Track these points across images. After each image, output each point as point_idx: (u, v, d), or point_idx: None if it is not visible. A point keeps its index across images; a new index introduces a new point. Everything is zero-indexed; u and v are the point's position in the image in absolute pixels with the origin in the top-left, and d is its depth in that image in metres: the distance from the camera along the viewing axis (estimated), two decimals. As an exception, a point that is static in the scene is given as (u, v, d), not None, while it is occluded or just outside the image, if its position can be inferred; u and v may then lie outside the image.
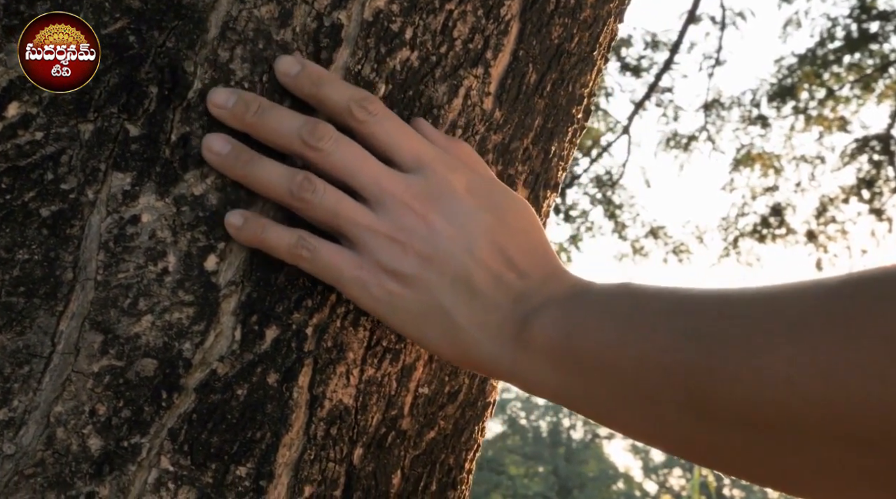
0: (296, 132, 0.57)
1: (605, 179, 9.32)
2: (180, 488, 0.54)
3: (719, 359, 0.46)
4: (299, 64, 0.58)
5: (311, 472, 0.58)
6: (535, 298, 0.57)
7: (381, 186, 0.58)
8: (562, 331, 0.54)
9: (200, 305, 0.56)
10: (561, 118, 0.69)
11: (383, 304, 0.57)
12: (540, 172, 0.69)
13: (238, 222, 0.57)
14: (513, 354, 0.55)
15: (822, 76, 8.81)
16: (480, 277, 0.57)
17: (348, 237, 0.58)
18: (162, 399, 0.55)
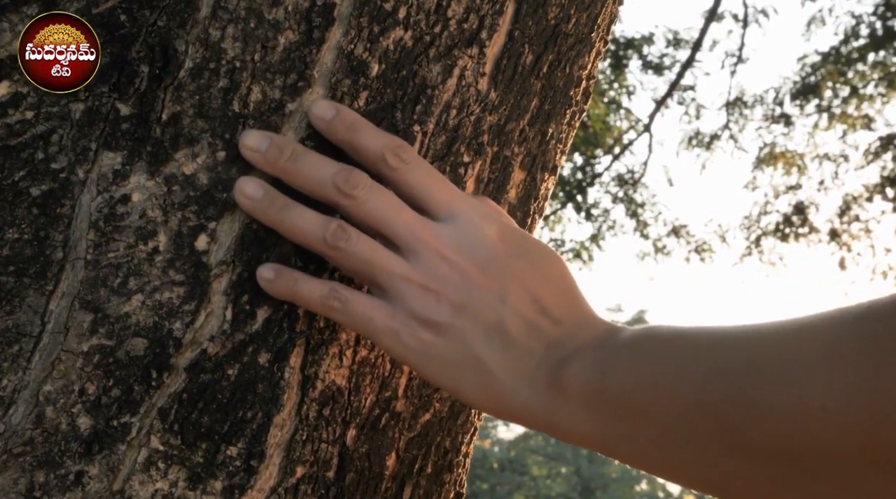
0: (330, 179, 0.57)
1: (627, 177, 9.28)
2: (170, 468, 0.54)
3: (752, 392, 0.46)
4: (334, 109, 0.58)
5: (304, 452, 0.58)
6: (569, 345, 0.56)
7: (414, 234, 0.58)
8: (596, 375, 0.54)
9: (191, 284, 0.55)
10: (558, 100, 0.69)
11: (416, 353, 0.57)
12: (537, 154, 0.68)
13: (270, 276, 0.57)
14: (548, 401, 0.55)
15: (846, 74, 8.75)
16: (514, 324, 0.57)
17: (381, 286, 0.58)
18: (152, 379, 0.54)
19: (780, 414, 0.44)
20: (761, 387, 0.45)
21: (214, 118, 0.56)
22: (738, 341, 0.49)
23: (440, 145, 0.62)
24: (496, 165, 0.65)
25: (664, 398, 0.50)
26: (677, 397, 0.49)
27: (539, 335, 0.57)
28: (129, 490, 0.53)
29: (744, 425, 0.46)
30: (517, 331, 0.57)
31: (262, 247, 0.57)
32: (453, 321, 0.56)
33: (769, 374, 0.45)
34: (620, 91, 9.10)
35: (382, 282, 0.57)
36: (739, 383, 0.47)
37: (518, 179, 0.67)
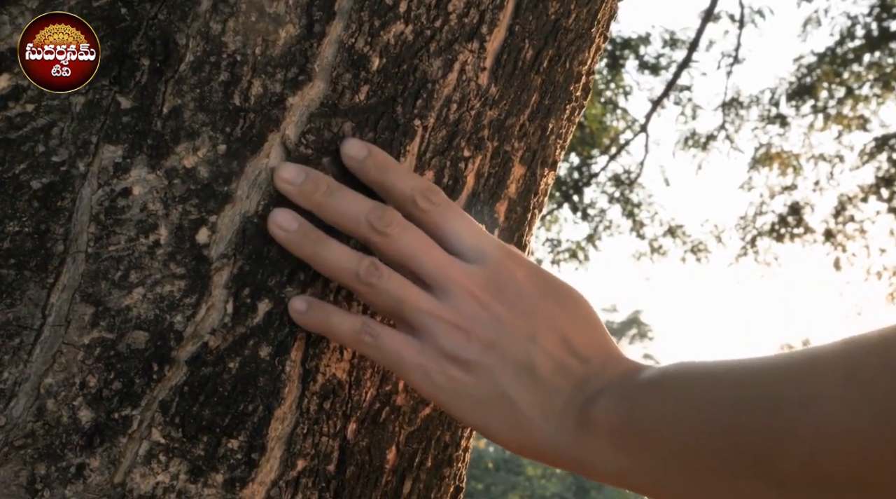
0: (364, 216, 0.58)
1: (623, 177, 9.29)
2: (171, 461, 0.54)
3: (779, 421, 0.46)
4: (366, 149, 0.59)
5: (304, 446, 0.58)
6: (596, 383, 0.57)
7: (445, 273, 0.58)
8: (623, 412, 0.54)
9: (192, 277, 0.55)
10: (558, 95, 0.69)
11: (445, 391, 0.57)
12: (537, 149, 0.68)
13: (302, 308, 0.58)
14: (576, 439, 0.56)
15: (842, 75, 8.76)
16: (543, 363, 0.57)
17: (411, 323, 0.58)
18: (153, 372, 0.54)
19: (807, 441, 0.45)
20: (788, 415, 0.46)
21: (215, 112, 0.56)
22: (762, 372, 0.50)
23: (441, 140, 0.62)
24: (496, 160, 0.65)
25: (691, 431, 0.51)
26: (704, 430, 0.50)
27: (567, 374, 0.58)
28: (131, 483, 0.53)
29: (773, 453, 0.46)
30: (546, 369, 0.57)
31: (264, 240, 0.57)
32: (483, 359, 0.57)
33: (794, 402, 0.46)
34: (617, 91, 9.10)
35: (413, 319, 0.58)
36: (765, 412, 0.47)
37: (518, 174, 0.67)
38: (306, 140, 0.58)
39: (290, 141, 0.58)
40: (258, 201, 0.57)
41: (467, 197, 0.64)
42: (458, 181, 0.63)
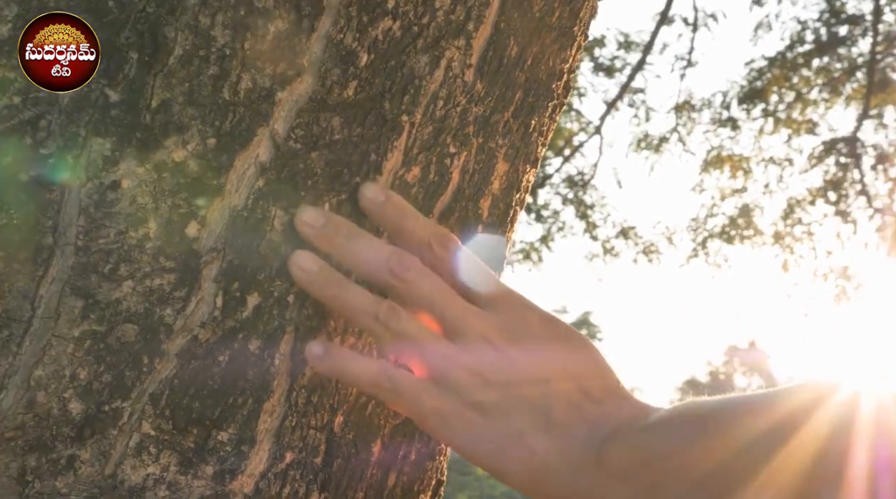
0: (384, 261, 0.59)
1: (577, 179, 9.32)
2: (162, 453, 0.54)
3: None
4: (384, 194, 0.61)
5: (293, 438, 0.58)
6: (611, 424, 0.58)
7: (463, 319, 0.60)
8: (636, 451, 0.56)
9: (181, 271, 0.56)
10: (541, 93, 0.70)
11: (462, 435, 0.58)
12: (520, 146, 0.69)
13: (319, 352, 0.58)
14: (591, 479, 0.57)
15: (792, 79, 8.86)
16: (558, 407, 0.59)
17: (428, 368, 0.59)
18: (143, 364, 0.54)
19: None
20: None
21: (205, 106, 0.57)
22: (759, 408, 0.54)
23: (427, 136, 0.63)
24: (481, 156, 0.66)
25: (696, 471, 0.54)
26: (710, 461, 0.53)
27: (583, 416, 0.59)
28: (122, 474, 0.53)
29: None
30: (561, 413, 0.59)
31: (253, 234, 0.57)
32: (500, 403, 0.58)
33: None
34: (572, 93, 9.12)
35: (430, 364, 0.59)
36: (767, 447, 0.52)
37: (502, 171, 0.68)
38: (295, 135, 0.58)
39: (279, 135, 0.58)
40: (247, 196, 0.57)
41: (452, 193, 0.65)
42: (443, 177, 0.64)
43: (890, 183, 8.77)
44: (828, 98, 8.96)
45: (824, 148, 8.88)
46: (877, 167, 8.78)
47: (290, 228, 0.58)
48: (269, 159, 0.58)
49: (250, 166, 0.57)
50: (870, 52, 8.29)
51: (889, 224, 8.65)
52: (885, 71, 8.41)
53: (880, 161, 8.74)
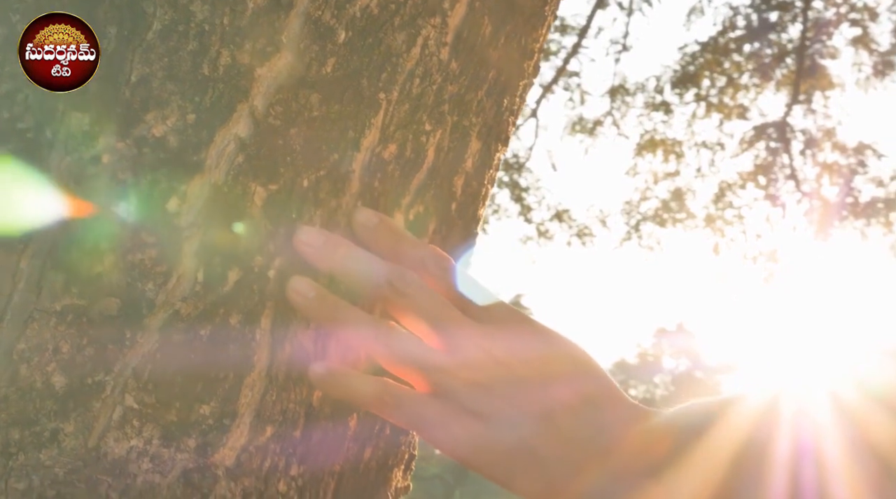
0: (384, 277, 0.60)
1: (513, 162, 9.36)
2: (145, 426, 0.54)
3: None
4: (377, 217, 0.62)
5: (273, 412, 0.59)
6: (613, 428, 0.60)
7: (462, 332, 0.61)
8: (644, 451, 0.58)
9: (163, 246, 0.56)
10: (514, 72, 0.70)
11: (467, 446, 0.59)
12: (493, 124, 0.70)
13: (322, 371, 0.60)
14: (598, 482, 0.58)
15: (723, 64, 8.97)
16: (560, 413, 0.60)
17: (431, 383, 0.60)
18: (125, 338, 0.54)
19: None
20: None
21: (184, 81, 0.57)
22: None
23: (403, 113, 0.63)
24: (456, 134, 0.67)
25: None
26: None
27: (585, 421, 0.60)
28: (105, 447, 0.53)
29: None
30: (564, 418, 0.60)
31: (234, 210, 0.58)
32: (502, 412, 0.59)
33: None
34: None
35: (432, 378, 0.60)
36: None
37: (475, 149, 0.69)
38: (274, 111, 0.59)
39: (258, 112, 0.58)
40: (227, 171, 0.57)
41: (427, 170, 0.65)
42: (419, 154, 0.65)
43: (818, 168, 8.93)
44: (758, 83, 9.07)
45: (755, 132, 9.00)
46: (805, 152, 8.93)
47: (269, 204, 0.58)
48: (249, 135, 0.58)
49: (230, 142, 0.57)
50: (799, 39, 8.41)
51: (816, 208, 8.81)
52: (813, 57, 8.54)
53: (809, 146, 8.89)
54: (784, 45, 8.83)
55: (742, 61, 9.06)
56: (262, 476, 0.58)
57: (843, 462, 0.55)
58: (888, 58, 8.26)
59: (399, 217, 0.64)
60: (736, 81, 9.11)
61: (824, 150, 8.92)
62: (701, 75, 9.15)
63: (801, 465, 0.55)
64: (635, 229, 9.55)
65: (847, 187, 8.91)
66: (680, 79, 9.24)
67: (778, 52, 8.88)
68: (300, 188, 0.59)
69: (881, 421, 0.55)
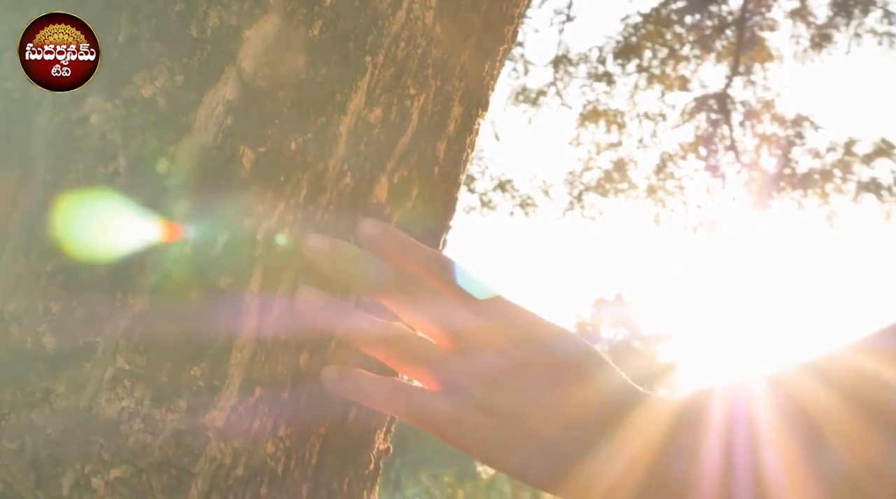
0: (392, 281, 0.62)
1: (456, 131, 9.33)
2: (136, 386, 0.54)
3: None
4: (381, 227, 0.64)
5: (262, 374, 0.59)
6: (622, 413, 0.60)
7: (471, 330, 0.61)
8: (657, 437, 0.58)
9: (153, 207, 0.56)
10: (495, 37, 0.71)
11: (480, 442, 0.60)
12: (474, 89, 0.70)
13: (334, 377, 0.61)
14: (612, 472, 0.58)
15: (665, 35, 9.02)
16: (570, 403, 0.60)
17: (441, 381, 0.61)
18: (116, 299, 0.54)
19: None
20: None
21: (172, 42, 0.56)
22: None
23: (389, 77, 0.64)
24: (439, 99, 0.67)
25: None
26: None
27: (596, 409, 0.60)
28: (97, 407, 0.53)
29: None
30: (574, 407, 0.60)
31: (223, 173, 0.57)
32: (513, 405, 0.59)
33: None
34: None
35: (442, 377, 0.61)
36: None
37: (457, 114, 0.69)
38: (262, 73, 0.59)
39: (246, 74, 0.58)
40: (216, 133, 0.57)
41: (412, 134, 0.66)
42: (404, 118, 0.65)
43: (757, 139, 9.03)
44: (699, 55, 9.14)
45: (696, 104, 9.07)
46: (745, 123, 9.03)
47: (257, 166, 0.58)
48: (237, 97, 0.58)
49: (218, 104, 0.57)
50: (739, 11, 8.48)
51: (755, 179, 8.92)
52: (753, 29, 8.62)
53: (748, 117, 8.98)
54: (724, 17, 8.89)
55: (683, 33, 9.12)
56: (251, 437, 0.58)
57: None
58: (825, 31, 8.36)
59: (384, 181, 0.64)
60: (677, 53, 9.17)
61: (763, 121, 9.02)
62: (643, 46, 9.19)
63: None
64: (578, 200, 9.59)
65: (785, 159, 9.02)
66: (622, 50, 9.28)
67: (718, 23, 8.94)
68: (288, 151, 0.59)
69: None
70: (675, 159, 9.43)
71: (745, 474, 0.55)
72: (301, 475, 0.61)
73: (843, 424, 0.55)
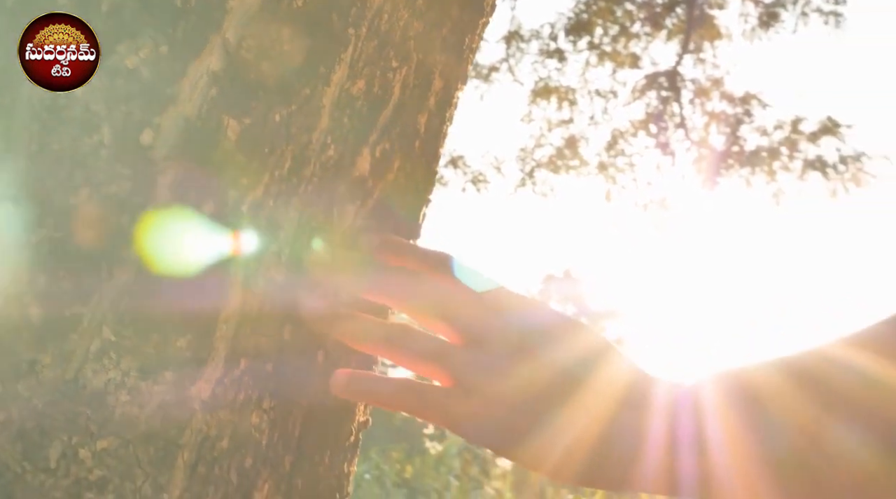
0: (398, 284, 0.64)
1: (408, 107, 9.30)
2: (122, 358, 0.54)
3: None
4: (378, 238, 0.66)
5: (247, 346, 0.59)
6: (636, 397, 0.59)
7: (479, 323, 0.61)
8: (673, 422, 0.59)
9: (137, 179, 0.55)
10: (475, 9, 0.71)
11: (497, 435, 0.59)
12: (455, 63, 0.70)
13: (344, 381, 0.62)
14: (637, 461, 0.58)
15: (616, 13, 9.04)
16: (586, 393, 0.59)
17: (452, 377, 0.60)
18: (102, 270, 0.54)
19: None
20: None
21: (156, 12, 0.56)
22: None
23: (371, 49, 0.64)
24: (420, 72, 0.67)
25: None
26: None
27: (610, 395, 0.60)
28: (83, 379, 0.53)
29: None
30: (590, 394, 0.60)
31: (208, 143, 0.57)
32: (527, 398, 0.59)
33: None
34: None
35: (453, 372, 0.60)
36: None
37: (438, 87, 0.69)
38: (246, 44, 0.58)
39: (230, 45, 0.58)
40: (201, 104, 0.57)
41: (394, 107, 0.66)
42: (386, 91, 0.65)
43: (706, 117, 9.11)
44: (650, 32, 9.18)
45: (646, 81, 9.12)
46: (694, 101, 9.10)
47: (242, 138, 0.58)
48: (221, 68, 0.58)
49: (203, 75, 0.57)
50: (690, -11, 8.53)
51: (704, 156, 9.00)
52: (703, 7, 8.68)
53: (698, 95, 9.05)
54: (675, -6, 8.93)
55: (634, 10, 9.15)
56: (237, 409, 0.58)
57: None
58: (773, 9, 8.42)
59: (366, 154, 0.65)
60: (628, 30, 9.20)
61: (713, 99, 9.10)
62: (594, 23, 9.21)
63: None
64: (529, 176, 9.62)
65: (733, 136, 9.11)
66: (574, 26, 9.29)
67: (669, 1, 8.99)
68: (272, 123, 0.59)
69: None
70: (626, 136, 9.48)
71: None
72: (284, 447, 0.61)
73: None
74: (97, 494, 0.53)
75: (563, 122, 9.57)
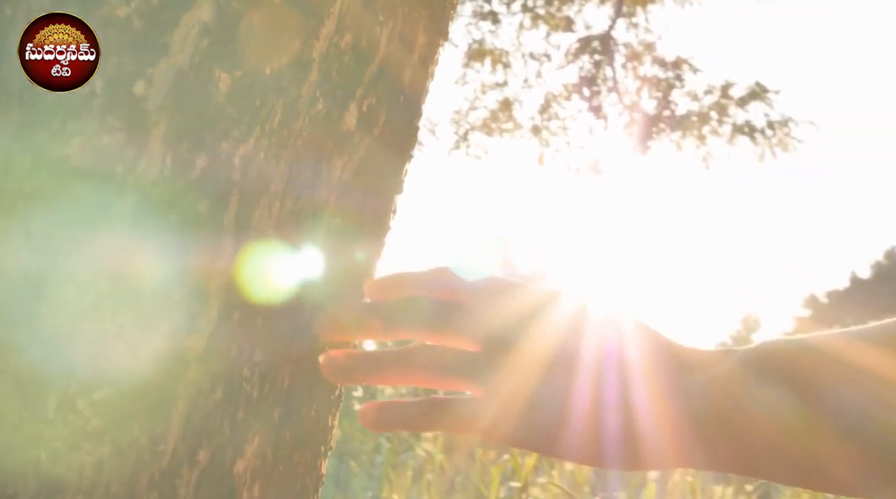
0: (403, 311, 0.63)
1: (343, 68, 9.25)
2: (118, 309, 0.54)
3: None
4: (374, 281, 0.68)
5: (239, 299, 0.59)
6: (679, 387, 0.59)
7: (491, 331, 0.61)
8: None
9: (130, 130, 0.55)
10: (458, -35, 0.71)
11: (534, 435, 0.58)
12: (438, 17, 0.71)
13: (375, 416, 0.62)
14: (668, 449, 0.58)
15: (550, -25, 9.06)
16: (610, 383, 0.59)
17: (475, 385, 0.60)
18: (97, 222, 0.54)
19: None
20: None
21: (147, -39, 0.55)
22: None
23: (358, 3, 0.63)
24: (405, 27, 0.67)
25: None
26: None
27: (648, 384, 0.59)
28: (79, 330, 0.53)
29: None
30: (602, 391, 0.59)
31: (201, 95, 0.57)
32: (552, 396, 0.59)
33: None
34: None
35: (475, 380, 0.60)
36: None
37: (421, 42, 0.69)
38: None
39: (221, -4, 0.57)
40: (192, 55, 0.57)
41: (379, 62, 0.66)
42: (372, 46, 0.65)
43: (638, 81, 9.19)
44: (583, -4, 9.21)
45: (580, 45, 9.16)
46: (627, 65, 9.16)
47: (234, 90, 0.58)
48: (213, 19, 0.57)
49: (194, 26, 0.57)
50: (624, -47, 8.57)
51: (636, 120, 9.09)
52: (636, -28, 8.73)
53: (630, 59, 9.12)
54: (608, -42, 8.97)
55: (568, -27, 9.17)
56: (229, 362, 0.58)
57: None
58: (705, -25, 8.51)
59: (353, 108, 0.65)
60: (562, -7, 9.21)
61: (645, 63, 9.17)
62: (528, -15, 9.21)
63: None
64: (464, 139, 9.64)
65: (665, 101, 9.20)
66: (508, -12, 9.27)
67: (602, -35, 9.02)
68: (263, 76, 0.59)
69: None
70: (559, 100, 9.52)
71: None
72: (274, 400, 0.62)
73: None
74: (95, 444, 0.53)
75: (497, 85, 9.58)
